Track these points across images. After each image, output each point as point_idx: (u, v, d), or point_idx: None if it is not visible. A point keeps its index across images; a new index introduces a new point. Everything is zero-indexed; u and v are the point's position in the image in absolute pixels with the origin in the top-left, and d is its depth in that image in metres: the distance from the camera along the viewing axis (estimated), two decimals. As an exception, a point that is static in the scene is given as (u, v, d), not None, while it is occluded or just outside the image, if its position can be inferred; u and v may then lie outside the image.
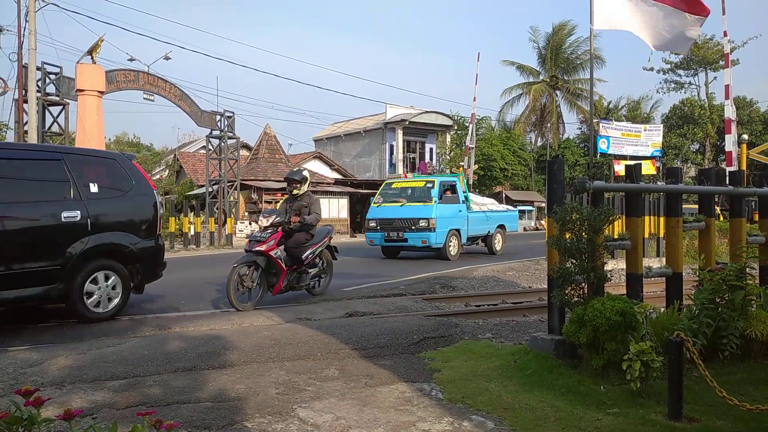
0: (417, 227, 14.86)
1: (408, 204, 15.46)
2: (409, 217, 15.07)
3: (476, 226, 16.59)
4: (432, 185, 15.47)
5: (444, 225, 15.01)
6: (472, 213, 16.47)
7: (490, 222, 17.27)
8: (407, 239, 15.06)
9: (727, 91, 19.14)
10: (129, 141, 49.29)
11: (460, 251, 15.93)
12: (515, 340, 6.12)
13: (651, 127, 31.98)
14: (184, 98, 22.37)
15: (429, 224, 14.72)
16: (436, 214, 14.83)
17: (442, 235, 14.97)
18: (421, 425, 3.64)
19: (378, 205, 16.20)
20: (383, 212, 15.76)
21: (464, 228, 15.88)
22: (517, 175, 42.41)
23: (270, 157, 30.94)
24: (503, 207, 19.96)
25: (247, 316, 7.27)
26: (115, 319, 7.17)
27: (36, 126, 17.76)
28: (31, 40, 17.56)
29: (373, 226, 15.78)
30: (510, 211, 19.49)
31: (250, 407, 3.93)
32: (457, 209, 15.76)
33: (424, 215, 14.85)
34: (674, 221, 5.55)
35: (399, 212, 15.36)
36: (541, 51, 46.92)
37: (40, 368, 4.71)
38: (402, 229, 15.11)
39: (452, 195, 15.78)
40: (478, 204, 17.43)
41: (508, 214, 18.81)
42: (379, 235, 15.57)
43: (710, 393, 3.70)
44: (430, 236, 14.68)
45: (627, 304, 4.27)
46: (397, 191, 16.50)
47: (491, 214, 17.49)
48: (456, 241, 15.55)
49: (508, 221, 18.32)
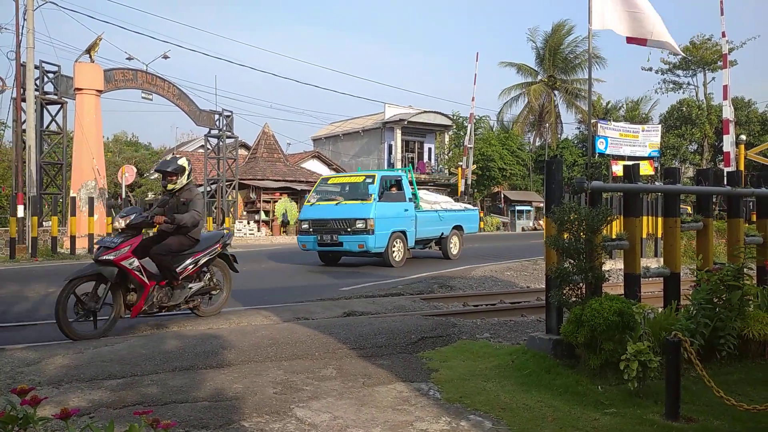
0: (353, 229, 12.82)
1: (344, 202, 13.53)
2: (344, 218, 13.03)
3: (427, 227, 14.68)
4: (372, 180, 13.46)
5: (385, 226, 13.04)
6: (422, 212, 14.56)
7: (444, 223, 15.25)
8: (342, 243, 12.99)
9: (726, 92, 19.18)
10: (127, 140, 49.21)
11: (407, 256, 14.06)
12: (513, 340, 6.13)
13: (649, 128, 32.06)
14: (182, 97, 22.35)
15: (367, 225, 12.67)
16: (375, 213, 12.80)
17: (383, 237, 13.01)
18: (418, 425, 3.64)
19: (311, 203, 14.10)
20: (316, 212, 13.67)
21: (411, 230, 13.96)
22: (516, 175, 42.41)
23: (268, 156, 30.93)
24: (460, 205, 17.69)
25: (245, 315, 7.26)
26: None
27: (34, 125, 17.74)
28: (30, 39, 17.54)
29: (305, 228, 13.62)
30: (468, 210, 17.51)
31: (247, 406, 3.92)
32: (403, 208, 13.77)
33: (360, 215, 12.83)
34: (672, 221, 5.56)
35: (333, 212, 13.34)
36: (539, 51, 46.96)
37: (37, 367, 4.71)
38: (337, 232, 13.03)
39: (398, 192, 13.89)
40: (430, 202, 15.49)
41: (467, 214, 16.82)
42: (312, 239, 13.41)
43: (708, 393, 3.70)
44: (368, 239, 12.67)
45: (625, 304, 4.28)
46: (333, 188, 14.59)
47: (445, 214, 15.49)
48: (401, 245, 13.59)
49: (466, 221, 16.32)
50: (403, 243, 13.63)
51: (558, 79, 46.68)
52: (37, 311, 7.74)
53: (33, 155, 17.78)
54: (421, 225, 14.36)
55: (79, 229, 16.80)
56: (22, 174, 18.05)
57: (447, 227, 15.33)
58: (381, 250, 13.04)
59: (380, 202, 13.09)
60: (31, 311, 7.76)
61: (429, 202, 15.44)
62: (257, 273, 12.32)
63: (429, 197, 15.89)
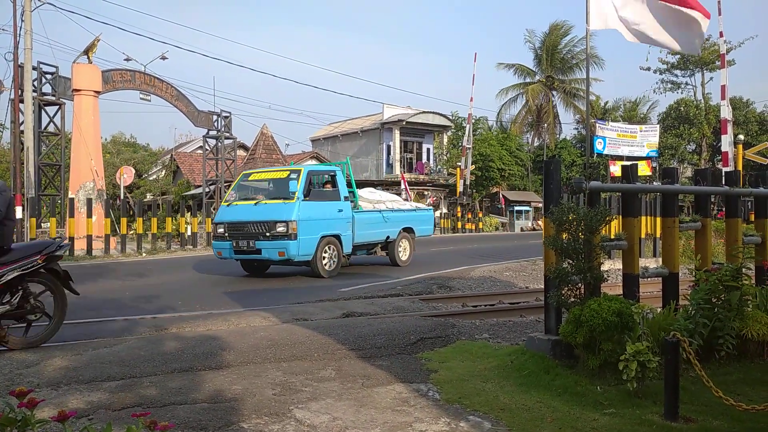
0: (273, 233, 10.88)
1: (264, 202, 11.58)
2: (262, 220, 11.07)
3: (368, 230, 12.75)
4: (296, 176, 11.47)
5: (312, 230, 11.17)
6: (361, 213, 12.69)
7: (389, 224, 13.32)
8: (260, 250, 11.02)
9: (724, 92, 19.22)
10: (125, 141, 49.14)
11: (343, 264, 12.10)
12: (512, 341, 6.13)
13: (647, 128, 32.11)
14: (180, 98, 22.34)
15: (288, 229, 10.77)
16: (299, 214, 10.93)
17: (310, 243, 11.13)
18: (418, 426, 3.64)
19: (229, 204, 12.04)
20: (233, 213, 11.66)
21: (347, 233, 12.08)
22: (514, 176, 42.42)
23: (267, 157, 30.89)
24: (410, 205, 15.71)
25: (244, 316, 7.26)
26: (112, 320, 7.16)
27: (32, 126, 17.73)
28: (27, 40, 17.52)
29: (221, 232, 11.63)
30: (421, 210, 15.51)
31: (246, 408, 3.92)
32: (336, 209, 11.88)
33: (281, 217, 10.92)
34: (671, 221, 5.56)
35: (252, 213, 11.34)
36: (537, 51, 47.01)
37: (36, 369, 4.70)
38: (254, 237, 11.05)
39: (331, 190, 12.07)
40: (372, 202, 13.62)
41: (418, 214, 14.92)
42: (228, 245, 11.41)
43: (706, 393, 3.70)
44: (290, 245, 10.77)
45: (624, 305, 4.28)
46: (255, 186, 12.59)
47: (391, 215, 13.54)
48: (334, 252, 11.70)
49: (417, 223, 14.46)
50: (336, 249, 11.75)
51: (556, 79, 46.73)
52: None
53: (31, 156, 17.77)
54: (360, 227, 12.47)
55: (77, 230, 16.78)
56: (20, 175, 18.03)
57: (394, 230, 13.46)
58: (307, 257, 11.18)
59: (307, 202, 11.20)
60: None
61: (371, 201, 13.61)
62: (256, 273, 12.31)
63: (372, 196, 14.13)
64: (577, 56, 46.06)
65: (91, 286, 10.32)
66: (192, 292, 9.67)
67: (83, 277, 11.58)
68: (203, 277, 11.92)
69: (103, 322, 7.16)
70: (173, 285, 10.31)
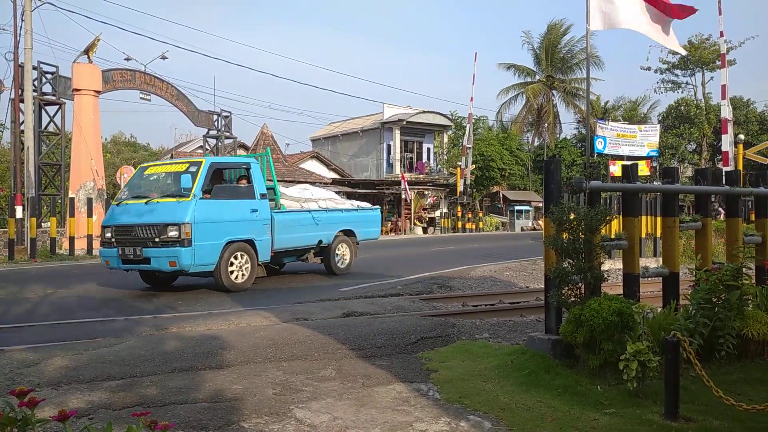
0: (163, 239, 8.89)
1: (156, 201, 9.32)
2: (150, 223, 9.05)
3: (293, 233, 10.87)
4: (196, 169, 9.40)
5: (214, 234, 9.20)
6: (284, 214, 10.75)
7: (323, 227, 11.48)
8: (149, 259, 8.99)
9: (724, 92, 19.21)
10: (126, 141, 49.17)
11: (258, 275, 10.18)
12: (512, 340, 6.13)
13: (646, 128, 32.07)
14: (181, 98, 22.34)
15: (181, 233, 8.76)
16: (194, 216, 8.91)
17: (210, 250, 9.14)
18: (418, 425, 3.64)
19: (119, 203, 9.84)
20: (122, 215, 9.54)
21: (264, 237, 10.12)
22: (515, 175, 42.42)
23: (267, 156, 30.91)
24: (351, 204, 13.28)
25: (244, 316, 7.26)
26: (113, 319, 7.16)
27: (32, 126, 17.73)
28: (28, 40, 17.52)
29: (108, 237, 9.55)
30: (363, 209, 13.17)
31: (247, 407, 3.92)
32: (249, 208, 9.89)
33: (172, 218, 8.88)
34: (671, 221, 5.56)
35: (141, 214, 9.25)
36: (536, 51, 47.01)
37: (36, 368, 4.70)
38: (143, 243, 9.03)
39: (244, 186, 10.15)
40: (300, 200, 11.57)
41: (360, 215, 12.79)
42: (115, 252, 9.32)
43: (707, 393, 3.70)
44: (182, 253, 8.73)
45: (624, 304, 4.28)
46: (152, 182, 10.15)
47: (324, 216, 11.62)
48: (245, 261, 9.71)
49: (359, 225, 12.51)
50: (249, 257, 9.77)
51: (556, 78, 46.73)
52: (36, 312, 7.73)
53: (31, 156, 17.77)
54: (282, 231, 10.54)
55: (77, 230, 16.79)
56: (20, 175, 18.04)
57: (329, 232, 11.64)
58: (207, 267, 9.23)
59: (207, 200, 9.21)
60: (30, 312, 7.75)
61: (298, 199, 11.58)
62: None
63: (302, 194, 12.01)
64: (576, 56, 46.06)
65: (91, 285, 10.33)
66: (192, 291, 9.67)
67: (83, 276, 11.59)
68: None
69: (104, 321, 7.16)
70: (173, 284, 10.31)
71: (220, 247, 9.34)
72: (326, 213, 11.77)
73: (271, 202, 10.62)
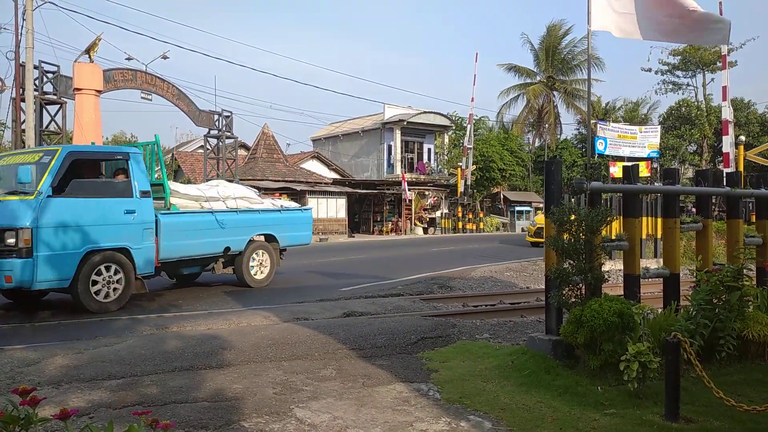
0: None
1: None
2: None
3: (187, 239, 8.85)
4: (49, 159, 7.64)
5: (68, 242, 7.42)
6: (174, 216, 8.77)
7: (230, 231, 9.55)
8: None
9: (725, 93, 19.18)
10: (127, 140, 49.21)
11: (136, 291, 8.17)
12: (513, 341, 6.13)
13: (647, 129, 32.07)
14: (182, 97, 22.35)
15: (18, 241, 7.06)
16: (37, 219, 7.16)
17: (62, 263, 7.34)
18: (418, 425, 3.65)
19: None
20: None
21: (145, 245, 8.21)
22: (515, 176, 42.43)
23: (268, 156, 30.91)
24: (272, 204, 10.95)
25: (245, 316, 7.26)
26: (113, 319, 7.16)
27: (33, 125, 17.74)
28: (29, 39, 17.54)
29: None
30: (289, 210, 11.11)
31: (247, 407, 3.93)
32: (121, 209, 7.99)
33: (9, 222, 7.14)
34: (672, 222, 5.56)
35: None
36: (536, 52, 47.01)
37: (37, 367, 4.71)
38: None
39: (118, 182, 8.21)
40: (197, 198, 9.41)
41: (285, 217, 10.80)
42: None
43: (707, 394, 3.70)
44: (19, 267, 6.99)
45: (624, 305, 4.28)
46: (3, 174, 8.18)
47: (234, 218, 9.69)
48: (116, 275, 7.84)
49: (284, 228, 10.59)
50: (122, 270, 7.90)
51: (557, 79, 46.73)
52: (36, 312, 7.74)
53: (32, 155, 17.76)
54: (171, 236, 8.60)
55: (78, 229, 16.76)
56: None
57: (240, 237, 9.73)
58: (58, 283, 7.39)
59: (58, 199, 7.40)
60: (30, 312, 7.75)
61: (197, 197, 9.40)
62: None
63: (205, 191, 9.77)
64: (577, 57, 46.06)
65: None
66: (193, 290, 9.67)
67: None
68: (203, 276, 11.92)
69: (104, 320, 7.17)
70: (174, 284, 10.31)
71: (77, 257, 7.45)
72: (236, 214, 9.77)
73: (159, 201, 8.73)
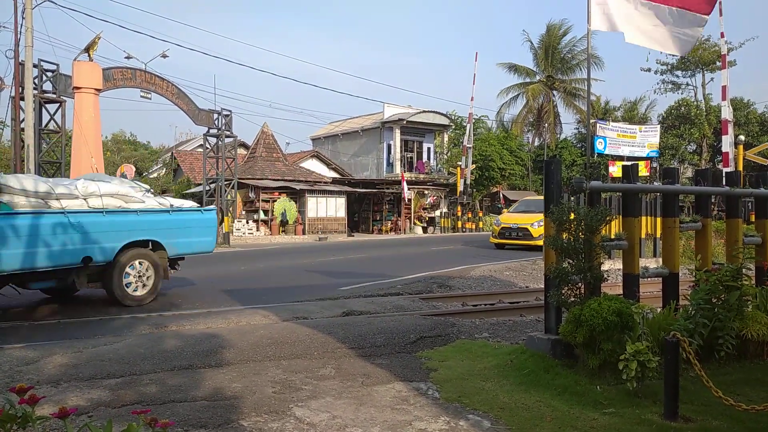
0: None
1: None
2: None
3: (20, 248, 6.90)
4: None
5: None
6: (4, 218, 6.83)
7: (94, 236, 7.65)
8: None
9: (724, 93, 19.18)
10: (126, 139, 49.17)
11: None
12: (512, 340, 6.13)
13: (646, 128, 32.06)
14: (181, 96, 22.33)
15: None
16: None
17: None
18: (417, 424, 3.64)
19: None
20: None
21: None
22: (515, 175, 42.40)
23: (267, 155, 30.89)
24: (160, 203, 8.91)
25: (244, 314, 7.26)
26: (112, 318, 7.16)
27: (33, 124, 17.72)
28: (28, 38, 17.51)
29: None
30: (182, 211, 9.03)
31: (246, 406, 3.92)
32: None
33: None
34: (671, 221, 5.56)
35: None
36: (536, 52, 46.99)
37: (36, 366, 4.70)
38: None
39: None
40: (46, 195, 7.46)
41: (176, 219, 8.82)
42: None
43: (706, 393, 3.70)
44: None
45: (624, 305, 4.28)
46: None
47: (97, 219, 7.77)
48: None
49: (173, 233, 8.66)
50: None
51: (556, 79, 46.71)
52: (36, 312, 7.73)
53: (32, 154, 17.75)
54: None
55: (77, 228, 16.75)
56: (21, 173, 18.02)
57: (108, 245, 7.81)
58: None
59: None
60: (31, 312, 7.74)
61: (45, 194, 7.45)
62: (256, 272, 12.32)
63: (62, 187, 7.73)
64: (577, 56, 46.04)
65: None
66: (192, 289, 9.66)
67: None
68: (203, 274, 11.92)
69: (103, 319, 7.16)
70: (174, 283, 10.30)
71: None
72: (101, 216, 7.83)
73: None
